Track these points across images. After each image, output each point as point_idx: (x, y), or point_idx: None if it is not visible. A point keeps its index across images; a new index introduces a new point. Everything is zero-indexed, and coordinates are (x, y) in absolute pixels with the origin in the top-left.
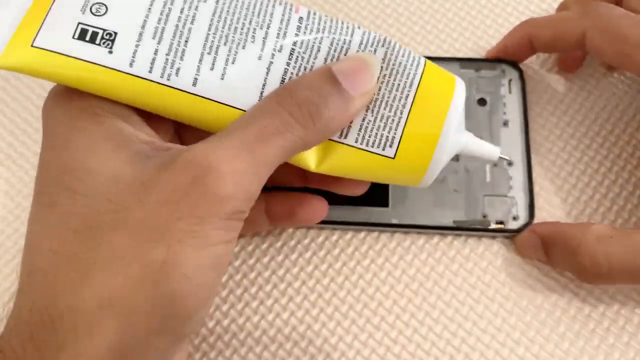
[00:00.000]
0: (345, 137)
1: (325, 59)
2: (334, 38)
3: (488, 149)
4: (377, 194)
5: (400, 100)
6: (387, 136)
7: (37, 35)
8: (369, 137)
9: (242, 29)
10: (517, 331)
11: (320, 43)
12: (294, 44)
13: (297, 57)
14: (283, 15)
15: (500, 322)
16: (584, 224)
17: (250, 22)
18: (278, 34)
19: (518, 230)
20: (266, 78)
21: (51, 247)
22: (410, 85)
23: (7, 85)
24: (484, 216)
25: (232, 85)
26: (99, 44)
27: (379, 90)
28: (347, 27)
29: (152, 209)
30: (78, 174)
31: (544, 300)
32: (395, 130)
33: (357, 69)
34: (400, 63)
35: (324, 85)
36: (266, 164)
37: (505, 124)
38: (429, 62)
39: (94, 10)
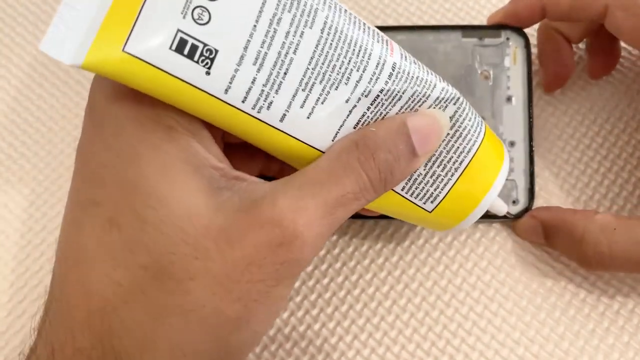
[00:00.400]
0: None
1: (402, 108)
2: (416, 90)
3: (499, 206)
4: None
5: (455, 163)
6: (433, 193)
7: (129, 37)
8: (416, 189)
9: (340, 67)
10: (517, 331)
11: (403, 93)
12: (381, 91)
13: (379, 103)
14: (380, 58)
15: (500, 321)
16: (587, 212)
17: (349, 61)
18: (371, 79)
19: (517, 216)
20: (345, 120)
21: (115, 277)
22: (468, 152)
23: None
24: None
25: (314, 125)
26: (197, 62)
27: (438, 147)
28: (430, 81)
29: (235, 266)
30: (150, 200)
31: (544, 301)
32: (442, 189)
33: (429, 129)
34: (465, 127)
35: (399, 144)
36: (337, 226)
37: (509, 99)
38: (488, 129)
39: (195, 15)
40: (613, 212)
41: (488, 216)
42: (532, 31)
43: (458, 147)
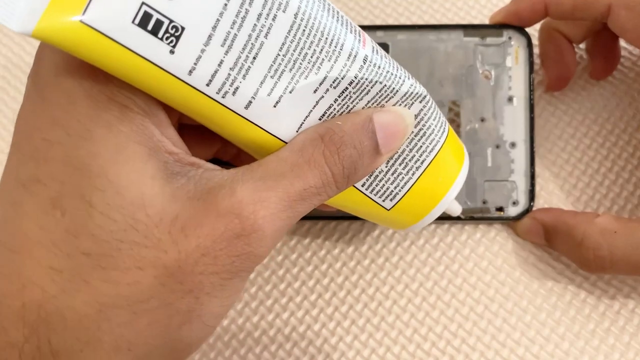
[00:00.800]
0: None
1: (369, 102)
2: (385, 85)
3: (455, 207)
4: None
5: (416, 162)
6: (393, 191)
7: (88, 6)
8: (376, 186)
9: (311, 56)
10: (518, 331)
11: (372, 87)
12: (350, 83)
13: (347, 96)
14: (352, 49)
15: (501, 322)
16: (587, 214)
17: (322, 50)
18: (342, 70)
19: (518, 217)
20: (311, 111)
21: (54, 264)
22: (431, 151)
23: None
24: (484, 202)
25: (280, 114)
26: (161, 38)
27: (402, 145)
28: (399, 76)
29: (188, 257)
30: (99, 182)
31: (545, 301)
32: (402, 188)
33: (395, 127)
34: (429, 127)
35: (364, 140)
36: (296, 219)
37: (510, 100)
38: (451, 130)
39: None
40: (614, 215)
41: (488, 218)
42: (533, 31)
43: (421, 146)
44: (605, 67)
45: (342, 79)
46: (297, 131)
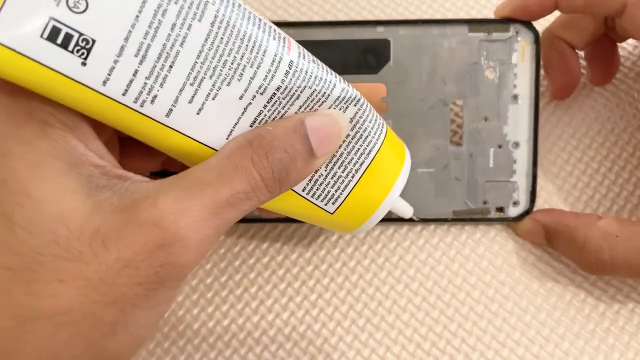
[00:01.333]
0: None
1: (300, 107)
2: (315, 89)
3: (404, 208)
4: None
5: (355, 164)
6: (334, 194)
7: None
8: (317, 190)
9: (232, 63)
10: (517, 331)
11: (301, 92)
12: (278, 89)
13: (276, 102)
14: (275, 55)
15: (501, 322)
16: (589, 217)
17: (242, 57)
18: (266, 76)
19: (518, 218)
20: (240, 118)
21: None
22: (369, 153)
23: None
24: (485, 202)
25: (205, 122)
26: (72, 51)
27: (339, 148)
28: (330, 80)
29: (109, 269)
30: (18, 198)
31: (544, 301)
32: (343, 190)
33: (329, 130)
34: (366, 129)
35: (296, 144)
36: (227, 227)
37: (515, 98)
38: (389, 130)
39: (70, 3)
40: (616, 217)
41: (489, 219)
42: (539, 26)
43: (359, 149)
44: (605, 73)
45: (268, 84)
46: (227, 138)
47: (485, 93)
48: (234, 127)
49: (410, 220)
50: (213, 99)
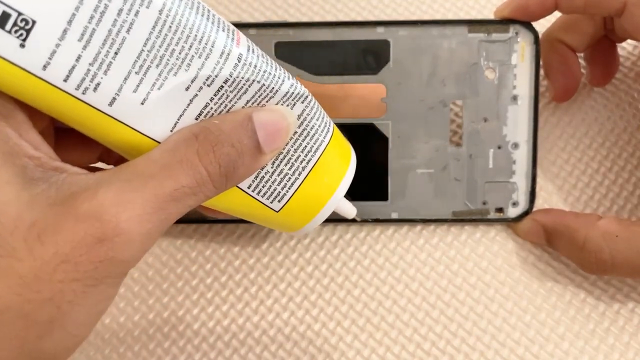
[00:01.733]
0: None
1: (248, 101)
2: (263, 84)
3: (348, 209)
4: (376, 188)
5: (302, 162)
6: (280, 192)
7: None
8: (263, 187)
9: (179, 52)
10: (517, 331)
11: (249, 86)
12: (225, 81)
13: (223, 94)
14: (224, 47)
15: (500, 322)
16: (589, 217)
17: (191, 47)
18: (214, 67)
19: (517, 219)
20: (185, 110)
21: None
22: (316, 151)
23: None
24: (484, 203)
25: (149, 112)
26: (9, 31)
27: (286, 145)
28: (279, 76)
29: (45, 264)
30: None
31: (544, 301)
32: (289, 188)
33: (276, 125)
34: (313, 126)
35: (244, 139)
36: (170, 222)
37: (514, 99)
38: (336, 129)
39: None
40: (616, 217)
41: (488, 220)
42: (539, 27)
43: (306, 146)
44: (605, 73)
45: (216, 77)
46: (171, 131)
47: (485, 94)
48: (178, 119)
49: (353, 220)
50: (159, 89)
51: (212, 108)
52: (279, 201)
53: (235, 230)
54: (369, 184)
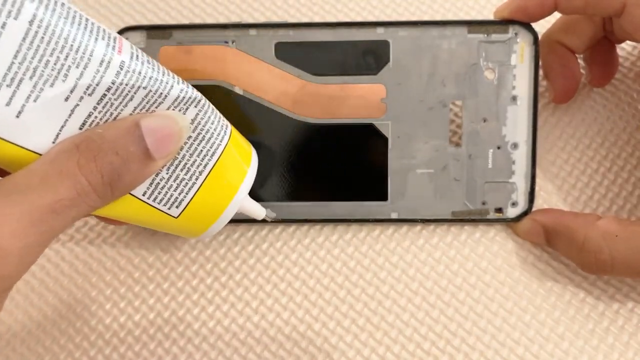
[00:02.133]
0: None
1: (136, 108)
2: (150, 90)
3: (256, 210)
4: (376, 188)
5: (199, 166)
6: (177, 198)
7: None
8: (159, 194)
9: (55, 63)
10: (517, 331)
11: (135, 93)
12: (108, 89)
13: (107, 103)
14: (104, 55)
15: (500, 321)
16: (588, 216)
17: (67, 57)
18: (94, 76)
19: (516, 219)
20: (67, 120)
21: None
22: (212, 155)
23: None
24: (483, 203)
25: (27, 125)
26: None
27: (180, 150)
28: (167, 81)
29: None
30: None
31: (544, 301)
32: (187, 193)
33: (166, 131)
34: (208, 130)
35: (129, 146)
36: (54, 235)
37: (514, 99)
38: (234, 130)
39: None
40: (615, 217)
41: (487, 220)
42: (539, 27)
43: (202, 151)
44: (604, 74)
45: (97, 85)
46: (53, 142)
47: (484, 94)
48: (60, 130)
49: (263, 221)
50: (34, 100)
51: (96, 117)
52: (177, 207)
53: (235, 230)
54: (369, 184)
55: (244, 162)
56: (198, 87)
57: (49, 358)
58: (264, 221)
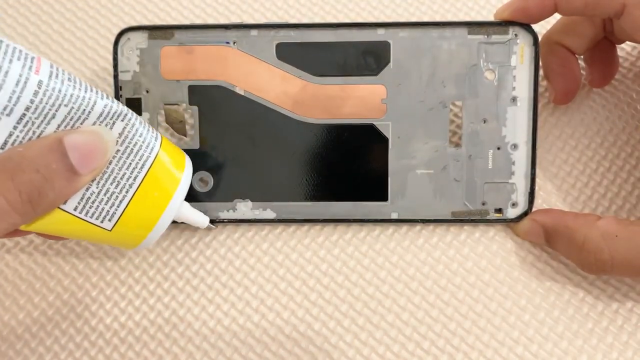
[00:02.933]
0: (64, 204)
1: (59, 125)
2: (72, 107)
3: (199, 218)
4: (376, 188)
5: (128, 179)
6: (109, 211)
7: None
8: (90, 208)
9: None
10: (516, 330)
11: (57, 111)
12: (27, 109)
13: (28, 122)
14: (20, 75)
15: (499, 321)
16: (588, 217)
17: None
18: (11, 97)
19: (516, 219)
20: None
21: None
22: (142, 167)
23: None
24: (483, 204)
25: None
26: None
27: (109, 164)
28: (89, 98)
29: None
30: None
31: (543, 300)
32: (118, 206)
33: (91, 146)
34: (136, 143)
35: (52, 162)
36: None
37: (514, 100)
38: (165, 139)
39: None
40: (615, 217)
41: (487, 220)
42: (539, 28)
43: (130, 163)
44: (604, 75)
45: (15, 105)
46: None
47: (484, 95)
48: None
49: (208, 228)
50: None
51: (18, 136)
52: (109, 220)
53: (235, 230)
54: (369, 184)
55: (176, 170)
56: (199, 87)
57: (50, 358)
58: (212, 224)
